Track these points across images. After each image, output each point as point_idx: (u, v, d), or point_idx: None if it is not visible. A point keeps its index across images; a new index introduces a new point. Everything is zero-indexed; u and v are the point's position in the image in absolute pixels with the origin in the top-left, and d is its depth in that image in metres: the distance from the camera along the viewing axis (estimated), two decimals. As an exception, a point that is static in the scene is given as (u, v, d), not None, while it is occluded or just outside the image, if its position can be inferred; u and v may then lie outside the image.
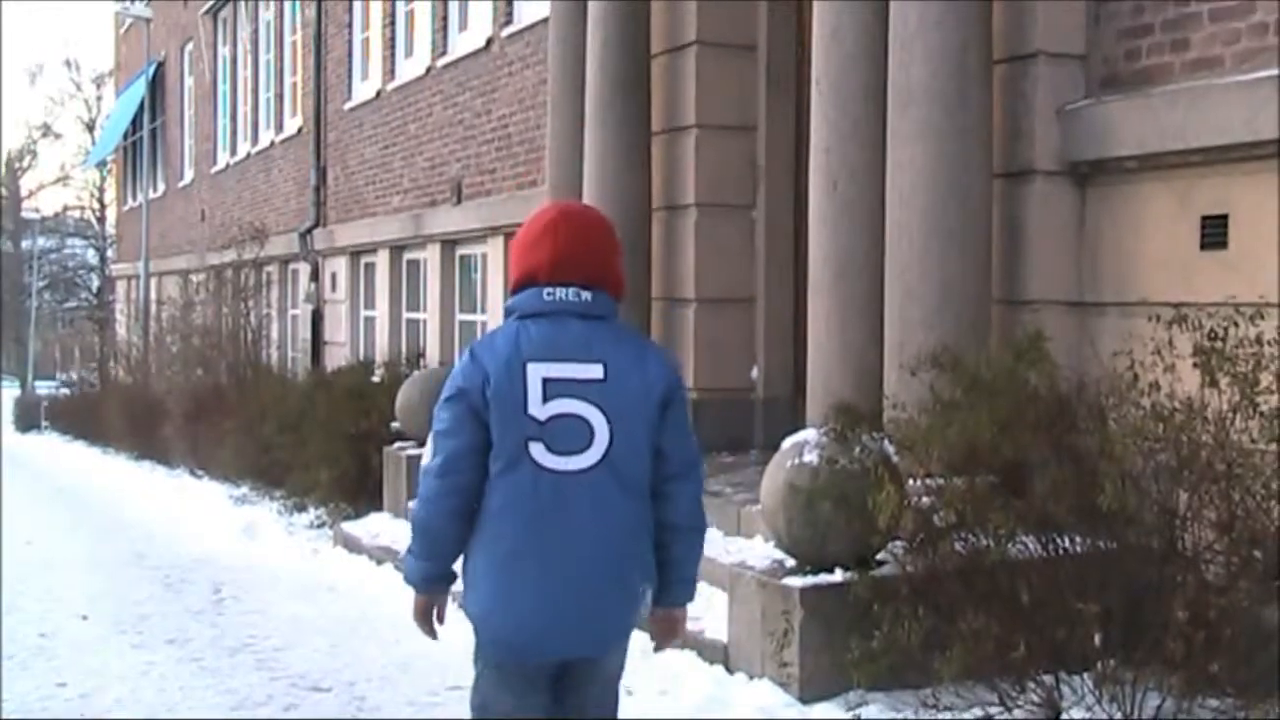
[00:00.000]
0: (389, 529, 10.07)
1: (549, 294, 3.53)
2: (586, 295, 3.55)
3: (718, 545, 7.20)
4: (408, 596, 3.70)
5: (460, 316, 14.88)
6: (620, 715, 3.60)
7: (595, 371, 3.47)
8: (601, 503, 3.44)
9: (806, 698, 5.45)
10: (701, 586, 6.78)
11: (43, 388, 39.67)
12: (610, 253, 3.68)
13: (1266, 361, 4.68)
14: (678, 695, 5.79)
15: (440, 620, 3.68)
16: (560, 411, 3.44)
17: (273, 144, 21.42)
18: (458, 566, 3.61)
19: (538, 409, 3.42)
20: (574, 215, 3.70)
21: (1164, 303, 5.21)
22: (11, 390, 42.82)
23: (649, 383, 3.52)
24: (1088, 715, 4.78)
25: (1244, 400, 4.65)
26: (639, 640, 6.23)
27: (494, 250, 13.58)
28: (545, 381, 3.44)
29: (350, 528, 10.47)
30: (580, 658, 3.57)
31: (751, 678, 5.73)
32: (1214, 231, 5.94)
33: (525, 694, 3.56)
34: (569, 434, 3.43)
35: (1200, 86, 5.97)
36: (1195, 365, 4.76)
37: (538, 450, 3.42)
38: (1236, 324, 4.76)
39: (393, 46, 16.53)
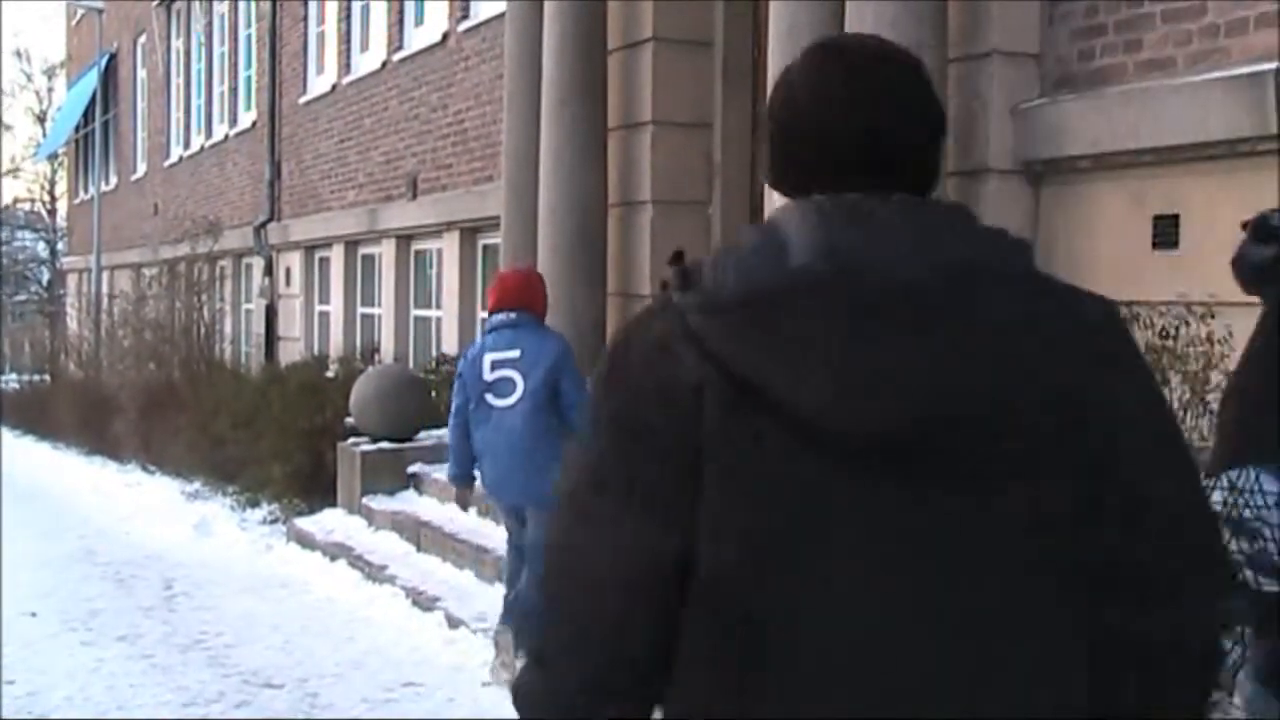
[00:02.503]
0: (342, 525, 10.03)
1: (495, 317, 6.52)
2: (513, 315, 6.46)
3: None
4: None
5: (415, 312, 14.83)
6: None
7: (516, 354, 6.37)
8: (523, 422, 6.28)
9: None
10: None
11: (-8, 382, 39.23)
12: (530, 293, 6.63)
13: (1216, 360, 4.72)
14: None
15: (465, 507, 7.22)
16: (499, 376, 6.38)
17: (227, 137, 21.28)
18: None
19: (488, 376, 6.40)
20: (510, 275, 6.96)
21: (1116, 301, 5.25)
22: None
23: (545, 355, 6.37)
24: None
25: (1194, 398, 4.70)
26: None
27: (449, 246, 13.54)
28: (492, 362, 6.41)
29: (303, 524, 10.42)
30: (520, 504, 6.36)
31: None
32: (1165, 231, 5.99)
33: (508, 517, 6.61)
34: (504, 387, 6.37)
35: (1153, 87, 6.02)
36: (1146, 363, 4.79)
37: (489, 397, 6.40)
38: (1188, 322, 4.81)
39: (348, 41, 16.46)
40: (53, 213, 50.21)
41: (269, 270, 18.88)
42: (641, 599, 1.69)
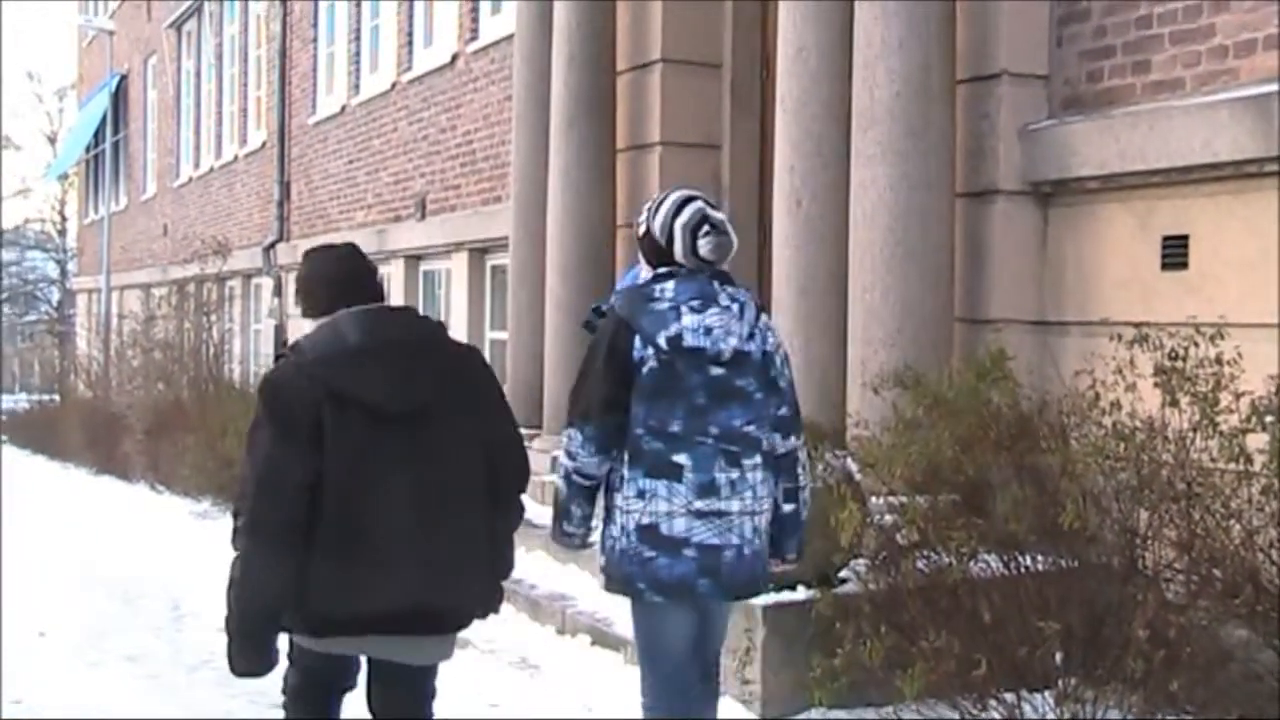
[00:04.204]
0: (350, 545, 10.01)
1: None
2: None
3: (680, 563, 7.19)
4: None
5: (424, 332, 14.83)
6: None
7: None
8: None
9: (768, 715, 5.44)
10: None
11: (2, 401, 39.24)
12: None
13: (1226, 381, 4.71)
14: (639, 711, 5.76)
15: None
16: None
17: (236, 158, 21.34)
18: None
19: None
20: None
21: (1125, 322, 5.24)
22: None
23: None
24: (1048, 733, 4.81)
25: (1204, 420, 4.68)
26: (605, 656, 6.13)
27: (458, 266, 13.56)
28: None
29: (311, 544, 10.39)
30: None
31: (714, 695, 5.72)
32: (1174, 252, 5.98)
33: None
34: None
35: (1161, 108, 6.02)
36: (1156, 385, 4.79)
37: None
38: (1197, 344, 4.79)
39: (357, 61, 16.51)
40: (63, 233, 50.32)
41: (278, 290, 18.90)
42: (298, 490, 3.81)
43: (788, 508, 4.42)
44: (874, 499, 5.48)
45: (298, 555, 3.84)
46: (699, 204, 4.37)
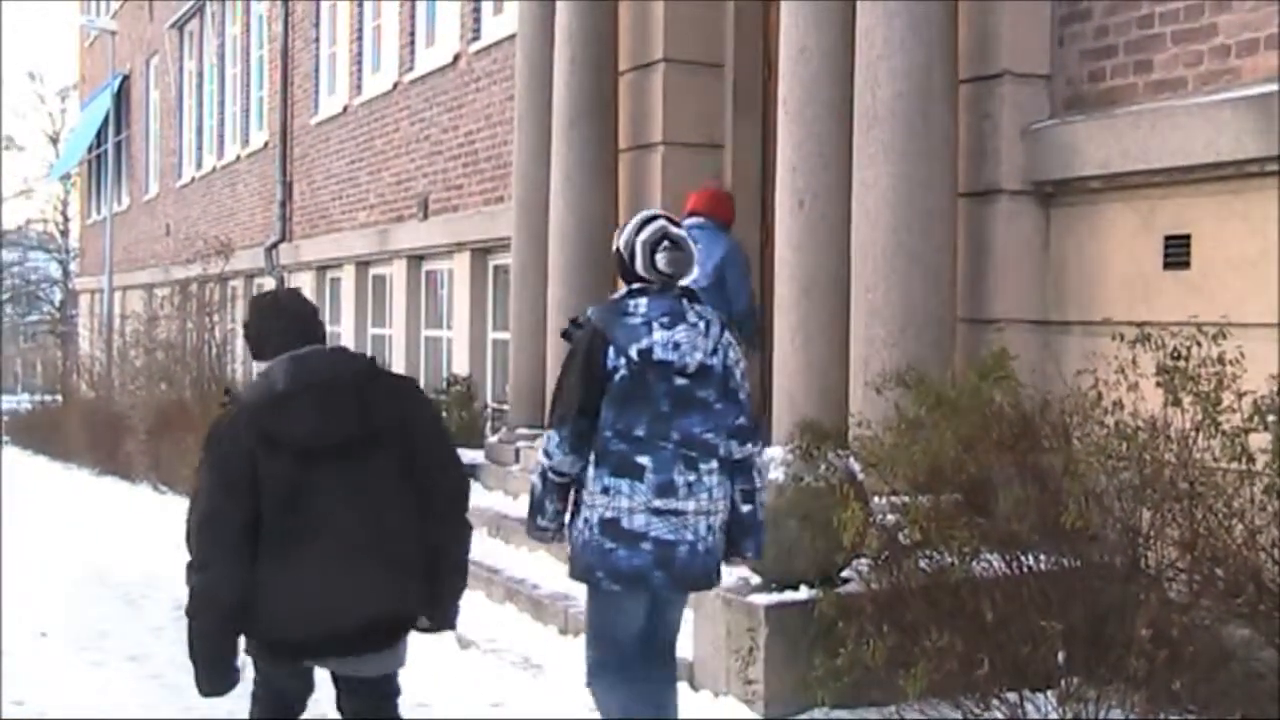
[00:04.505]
0: (353, 545, 10.00)
1: (687, 220, 7.26)
2: (700, 219, 7.96)
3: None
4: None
5: (426, 332, 14.85)
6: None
7: (694, 246, 5.40)
8: None
9: (771, 715, 5.44)
10: (666, 604, 6.79)
11: (4, 401, 39.22)
12: (715, 204, 8.20)
13: (1228, 381, 4.71)
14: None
15: None
16: None
17: (238, 158, 21.34)
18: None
19: None
20: (702, 191, 8.31)
21: (1127, 322, 5.25)
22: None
23: (716, 251, 7.85)
24: (1051, 733, 4.81)
25: (1206, 419, 4.68)
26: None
27: (460, 266, 13.56)
28: None
29: (314, 544, 10.38)
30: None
31: (716, 695, 5.72)
32: (1176, 251, 5.98)
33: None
34: None
35: (1163, 108, 6.01)
36: (1158, 384, 4.78)
37: None
38: (1199, 343, 4.79)
39: (359, 61, 16.51)
40: (65, 233, 50.31)
41: (280, 291, 18.88)
42: (237, 531, 4.19)
43: (745, 508, 4.77)
44: (876, 499, 5.47)
45: (243, 588, 4.22)
46: (661, 222, 4.76)
